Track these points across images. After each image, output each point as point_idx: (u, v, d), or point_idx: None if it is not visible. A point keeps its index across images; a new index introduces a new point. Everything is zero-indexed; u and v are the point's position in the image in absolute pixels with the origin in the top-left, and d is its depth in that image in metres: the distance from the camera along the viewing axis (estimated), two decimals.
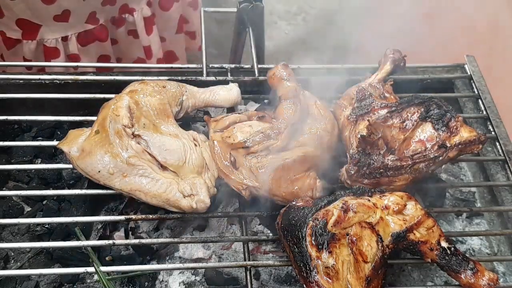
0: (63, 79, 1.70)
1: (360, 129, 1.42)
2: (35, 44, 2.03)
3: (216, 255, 1.53)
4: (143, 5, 2.19)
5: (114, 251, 1.50)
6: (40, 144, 1.62)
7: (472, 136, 1.39)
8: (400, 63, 1.63)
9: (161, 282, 1.46)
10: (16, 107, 1.64)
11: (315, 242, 1.18)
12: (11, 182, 1.66)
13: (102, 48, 2.17)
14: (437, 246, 1.25)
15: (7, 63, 1.94)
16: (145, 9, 2.20)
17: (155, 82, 1.52)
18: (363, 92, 1.50)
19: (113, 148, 1.35)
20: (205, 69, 1.71)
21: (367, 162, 1.37)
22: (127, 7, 2.16)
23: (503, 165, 1.65)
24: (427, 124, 1.42)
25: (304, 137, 1.43)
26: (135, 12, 2.18)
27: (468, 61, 1.83)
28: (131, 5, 2.16)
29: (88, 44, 2.12)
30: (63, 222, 1.48)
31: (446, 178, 1.76)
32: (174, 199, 1.34)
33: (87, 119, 1.55)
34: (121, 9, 2.14)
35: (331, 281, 1.15)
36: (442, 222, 1.64)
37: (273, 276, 1.50)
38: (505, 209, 1.57)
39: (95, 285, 1.44)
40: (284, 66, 1.58)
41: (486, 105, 1.72)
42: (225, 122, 1.46)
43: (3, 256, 1.48)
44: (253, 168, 1.37)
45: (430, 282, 1.52)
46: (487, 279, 1.22)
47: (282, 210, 1.30)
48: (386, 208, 1.26)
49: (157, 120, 1.44)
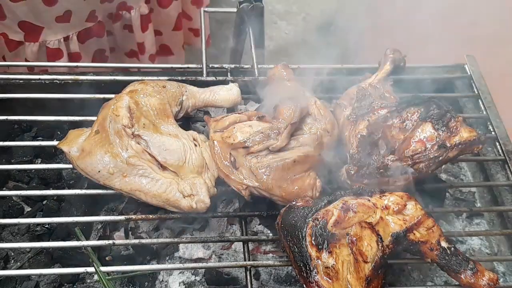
0: (63, 79, 1.70)
1: (360, 129, 1.42)
2: (37, 46, 2.04)
3: (216, 255, 1.53)
4: (141, 3, 2.20)
5: (114, 251, 1.50)
6: (40, 144, 1.62)
7: (472, 136, 1.39)
8: (400, 63, 1.63)
9: (161, 282, 1.46)
10: (16, 107, 1.64)
11: (315, 242, 1.18)
12: (11, 182, 1.66)
13: (99, 43, 2.19)
14: (437, 246, 1.25)
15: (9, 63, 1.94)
16: (142, 7, 2.21)
17: (155, 82, 1.52)
18: (363, 92, 1.50)
19: (113, 148, 1.35)
20: (205, 69, 1.71)
21: (367, 162, 1.37)
22: (125, 5, 2.17)
23: (503, 165, 1.65)
24: (427, 124, 1.41)
25: (304, 137, 1.43)
26: (132, 10, 2.19)
27: (468, 61, 1.83)
28: (129, 3, 2.17)
29: (87, 41, 2.13)
30: (63, 222, 1.48)
31: (446, 178, 1.76)
32: (174, 199, 1.34)
33: (87, 119, 1.55)
34: (119, 6, 2.15)
35: (331, 281, 1.15)
36: (442, 222, 1.64)
37: (273, 276, 1.50)
38: (505, 209, 1.57)
39: (95, 285, 1.44)
40: (284, 66, 1.58)
41: (486, 105, 1.72)
42: (225, 122, 1.46)
43: (3, 256, 1.49)
44: (253, 168, 1.37)
45: (430, 282, 1.52)
46: (487, 279, 1.22)
47: (282, 210, 1.30)
48: (386, 208, 1.26)
49: (157, 120, 1.44)
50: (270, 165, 1.37)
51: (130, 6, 2.18)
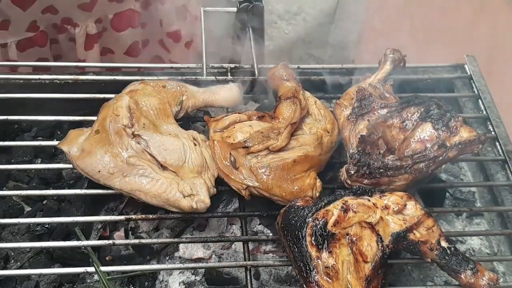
0: (63, 79, 1.71)
1: (360, 129, 1.42)
2: None
3: (216, 255, 1.53)
4: (90, 23, 2.08)
5: (114, 251, 1.50)
6: (40, 144, 1.62)
7: (472, 136, 1.39)
8: (400, 63, 1.63)
9: (161, 282, 1.46)
10: (16, 107, 1.64)
11: (315, 242, 1.18)
12: (11, 182, 1.66)
13: (41, 52, 2.10)
14: (437, 246, 1.25)
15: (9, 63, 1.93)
16: (90, 26, 2.08)
17: (155, 82, 1.52)
18: (363, 92, 1.50)
19: (113, 148, 1.35)
20: (205, 69, 1.71)
21: (367, 162, 1.37)
22: (71, 21, 2.06)
23: (503, 165, 1.65)
24: (427, 124, 1.42)
25: (304, 137, 1.43)
26: (77, 28, 2.07)
27: (468, 61, 1.83)
28: (75, 20, 2.06)
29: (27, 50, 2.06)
30: (63, 222, 1.47)
31: (446, 178, 1.76)
32: (174, 199, 1.34)
33: (87, 119, 1.55)
34: (63, 20, 2.05)
35: (331, 281, 1.15)
36: (442, 222, 1.64)
37: (273, 276, 1.50)
38: (505, 209, 1.57)
39: (95, 285, 1.44)
40: (284, 66, 1.58)
41: (486, 105, 1.72)
42: (225, 122, 1.46)
43: (3, 256, 1.48)
44: (253, 168, 1.37)
45: (430, 282, 1.52)
46: (487, 279, 1.22)
47: (282, 210, 1.30)
48: (386, 208, 1.26)
49: (157, 120, 1.44)
50: (270, 165, 1.37)
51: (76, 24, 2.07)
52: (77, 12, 2.03)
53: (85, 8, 2.03)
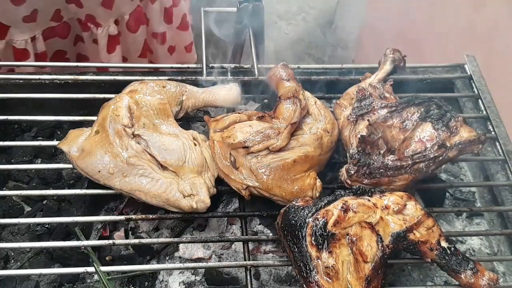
0: (63, 79, 1.71)
1: (360, 129, 1.42)
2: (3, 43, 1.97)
3: (216, 255, 1.53)
4: (111, 23, 2.10)
5: (114, 251, 1.50)
6: (40, 144, 1.62)
7: (472, 136, 1.39)
8: (400, 63, 1.63)
9: (161, 282, 1.47)
10: (16, 107, 1.65)
11: (315, 242, 1.18)
12: (11, 182, 1.66)
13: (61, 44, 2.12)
14: (437, 246, 1.25)
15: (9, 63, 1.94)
16: (112, 27, 2.11)
17: (155, 82, 1.52)
18: (363, 92, 1.50)
19: (113, 148, 1.35)
20: (205, 69, 1.71)
21: (367, 162, 1.37)
22: (94, 20, 2.08)
23: (503, 165, 1.65)
24: (427, 124, 1.42)
25: (304, 137, 1.43)
26: (100, 28, 2.09)
27: (468, 61, 1.83)
28: (98, 19, 2.08)
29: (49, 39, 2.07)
30: (63, 222, 1.48)
31: (446, 178, 1.76)
32: (174, 199, 1.34)
33: (87, 119, 1.55)
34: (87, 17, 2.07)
35: (331, 281, 1.15)
36: (442, 222, 1.64)
37: (273, 276, 1.50)
38: (505, 209, 1.57)
39: (95, 285, 1.44)
40: (284, 66, 1.58)
41: (486, 105, 1.72)
42: (225, 122, 1.46)
43: (3, 256, 1.49)
44: (253, 168, 1.37)
45: (430, 282, 1.52)
46: (487, 279, 1.23)
47: (282, 210, 1.30)
48: (386, 208, 1.26)
49: (157, 120, 1.44)
50: (270, 165, 1.37)
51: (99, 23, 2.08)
52: (99, 9, 2.04)
53: (107, 5, 2.05)
